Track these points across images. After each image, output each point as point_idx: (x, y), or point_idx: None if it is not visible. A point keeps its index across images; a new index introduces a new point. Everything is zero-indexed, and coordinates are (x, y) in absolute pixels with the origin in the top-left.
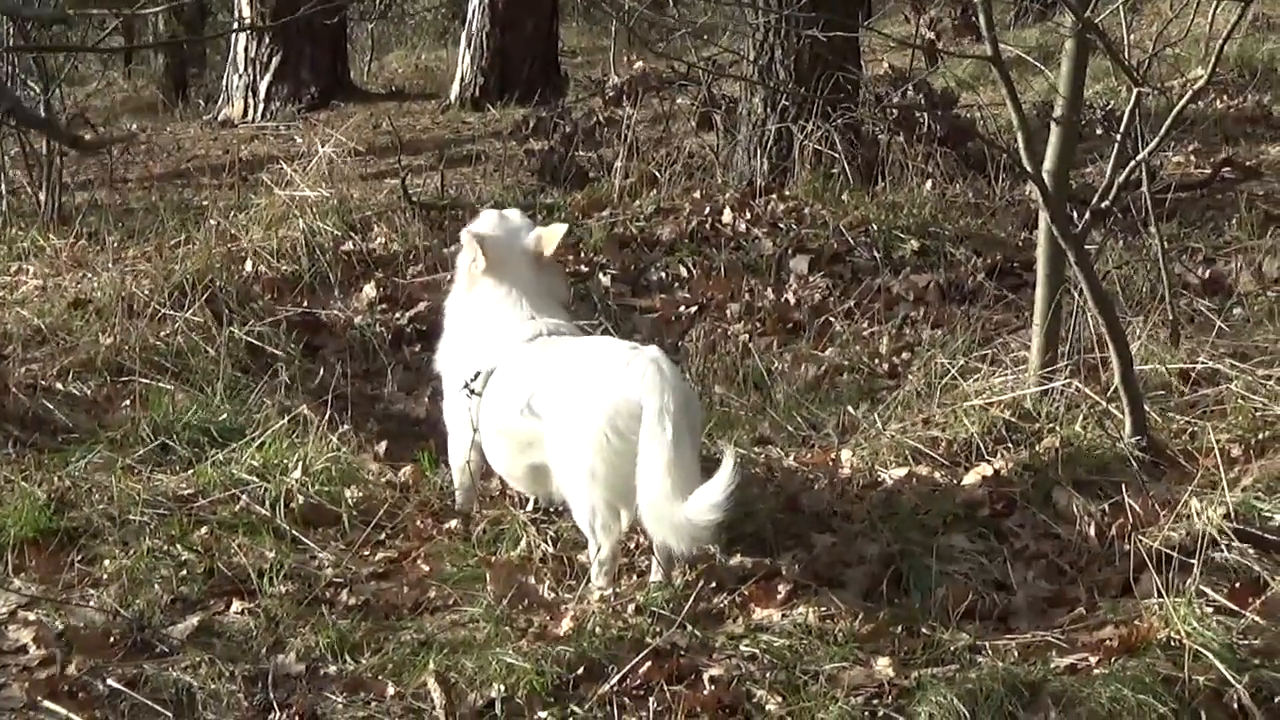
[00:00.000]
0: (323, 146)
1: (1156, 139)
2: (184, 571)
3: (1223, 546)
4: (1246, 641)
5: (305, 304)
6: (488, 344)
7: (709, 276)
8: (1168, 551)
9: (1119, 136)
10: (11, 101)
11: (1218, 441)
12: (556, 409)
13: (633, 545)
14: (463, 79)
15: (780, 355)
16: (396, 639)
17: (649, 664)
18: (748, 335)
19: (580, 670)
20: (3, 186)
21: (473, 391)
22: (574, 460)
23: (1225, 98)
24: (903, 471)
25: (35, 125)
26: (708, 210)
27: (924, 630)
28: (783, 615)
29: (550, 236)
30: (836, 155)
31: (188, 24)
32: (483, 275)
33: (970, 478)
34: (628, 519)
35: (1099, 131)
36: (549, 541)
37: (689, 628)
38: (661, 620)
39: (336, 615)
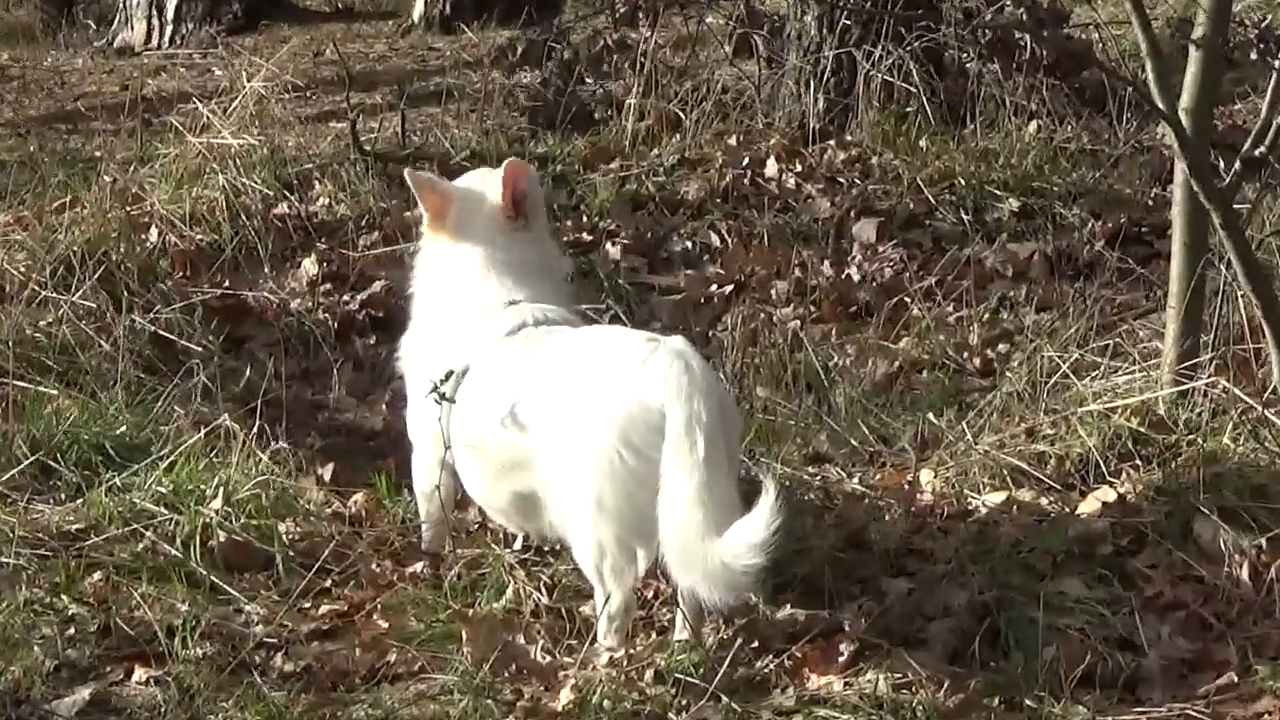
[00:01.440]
0: (249, 81)
1: None
2: (72, 630)
3: None
4: None
5: (227, 284)
6: (458, 336)
7: (748, 246)
8: None
9: (1278, 63)
10: None
11: None
12: (550, 420)
13: (651, 594)
14: None
15: (841, 348)
16: (347, 715)
17: None
18: (799, 322)
19: None
20: None
21: (442, 396)
22: (574, 486)
23: None
24: (1000, 497)
25: None
26: (746, 161)
27: (1028, 702)
28: (845, 684)
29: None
30: (913, 89)
31: None
32: (451, 242)
33: (1087, 505)
34: (645, 561)
35: (1252, 57)
36: (542, 590)
37: (724, 700)
38: (689, 690)
39: (269, 685)
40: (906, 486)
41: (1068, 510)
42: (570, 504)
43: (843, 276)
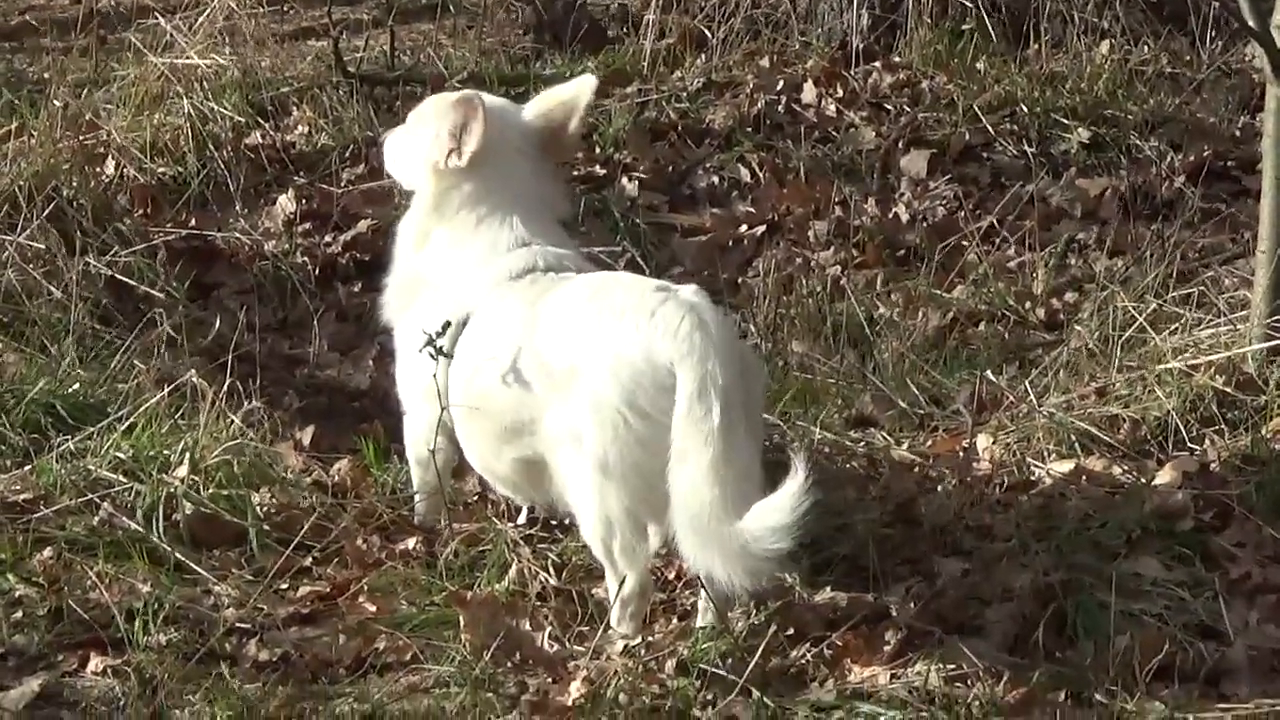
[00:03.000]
0: None
1: None
2: (19, 613)
3: None
4: None
5: (193, 223)
6: (460, 280)
7: (782, 182)
8: None
9: None
10: None
11: None
12: (553, 376)
13: (672, 575)
14: None
15: (888, 297)
16: (329, 710)
17: None
18: (840, 267)
19: None
20: None
21: (439, 350)
22: (578, 452)
23: None
24: (1068, 466)
25: None
26: (781, 85)
27: (1098, 697)
28: (892, 676)
29: (565, 101)
30: (969, 4)
31: None
32: (462, 174)
33: (1166, 475)
34: (659, 537)
35: None
36: (550, 570)
37: (755, 694)
38: (715, 683)
39: (242, 676)
40: (961, 454)
41: (1143, 481)
42: (574, 472)
43: (889, 216)
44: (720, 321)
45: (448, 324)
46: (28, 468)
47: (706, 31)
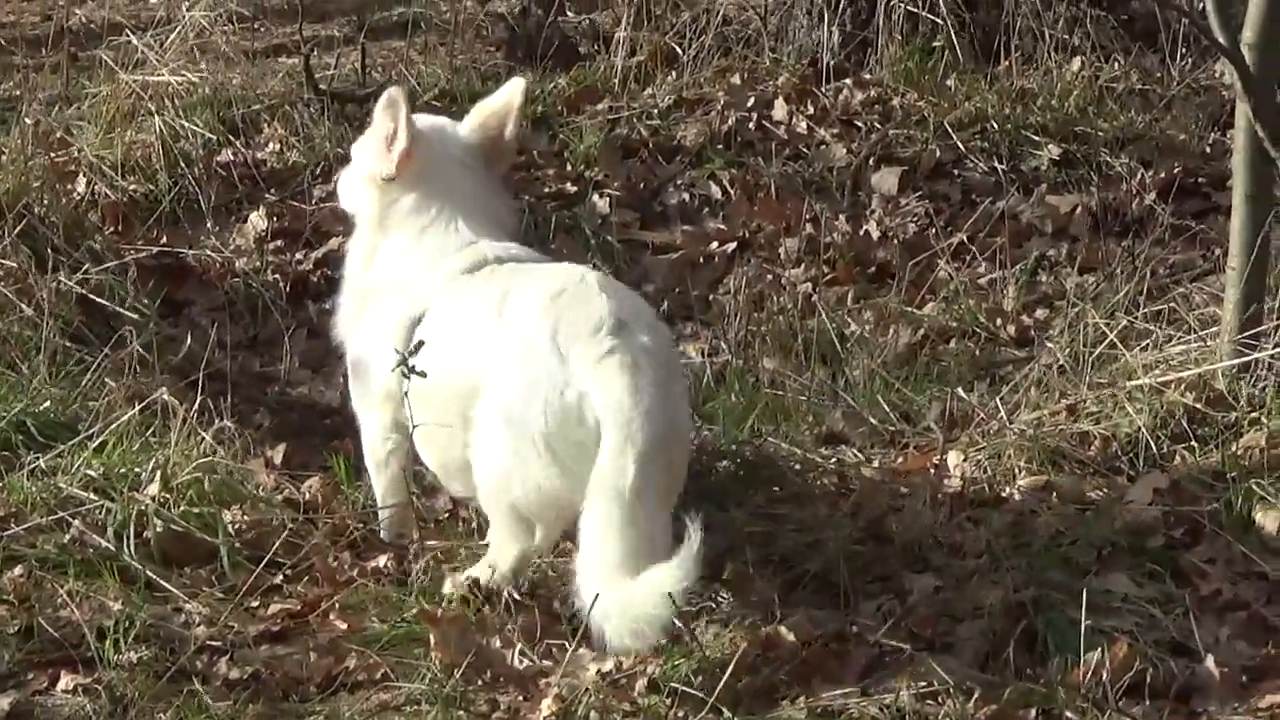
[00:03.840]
0: (189, 10)
1: None
2: None
3: None
4: None
5: (165, 240)
6: (410, 282)
7: (753, 199)
8: None
9: None
10: None
11: None
12: (496, 362)
13: None
14: None
15: (859, 314)
16: None
17: None
18: (811, 284)
19: None
20: None
21: (411, 369)
22: (491, 448)
23: None
24: (1039, 482)
25: None
26: (752, 102)
27: (1069, 714)
28: (863, 693)
29: (498, 109)
30: (939, 21)
31: None
32: (403, 187)
33: (1137, 491)
34: (544, 540)
35: None
36: (522, 586)
37: (726, 713)
38: (686, 701)
39: (212, 694)
40: (932, 471)
41: (1114, 498)
42: (483, 459)
43: (860, 233)
44: (657, 384)
45: (420, 344)
46: None
47: (677, 48)
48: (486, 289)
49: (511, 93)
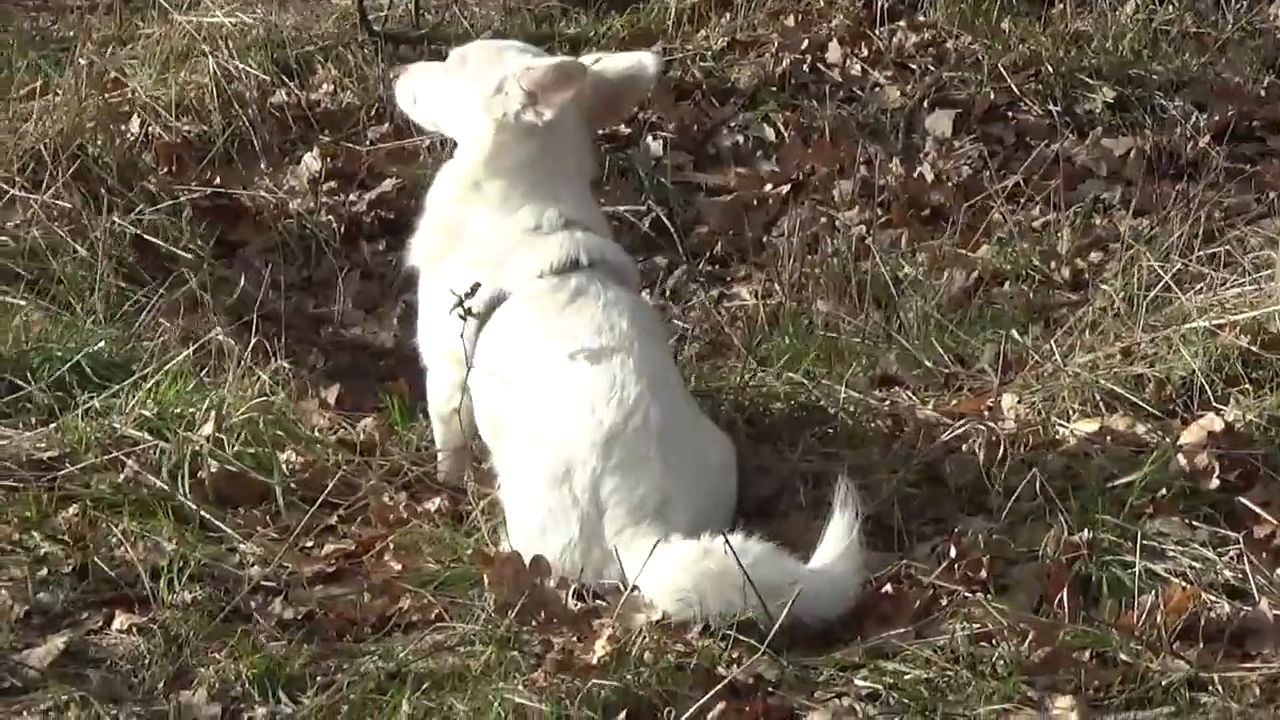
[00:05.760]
0: None
1: None
2: (45, 570)
3: None
4: None
5: (218, 181)
6: (502, 254)
7: (807, 141)
8: None
9: None
10: None
11: None
12: (539, 418)
13: None
14: None
15: (913, 257)
16: (354, 668)
17: (722, 705)
18: (865, 227)
19: (622, 715)
20: None
21: (468, 311)
22: (512, 501)
23: None
24: (1092, 426)
25: None
26: (805, 45)
27: (1123, 657)
28: (918, 635)
29: (624, 76)
30: None
31: None
32: (524, 131)
33: (1191, 434)
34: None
35: None
36: None
37: (780, 654)
38: (740, 644)
39: (266, 634)
40: (986, 413)
41: (1169, 440)
42: (508, 506)
43: (914, 176)
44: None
45: (476, 285)
46: (53, 425)
47: None
48: (564, 324)
49: (643, 71)
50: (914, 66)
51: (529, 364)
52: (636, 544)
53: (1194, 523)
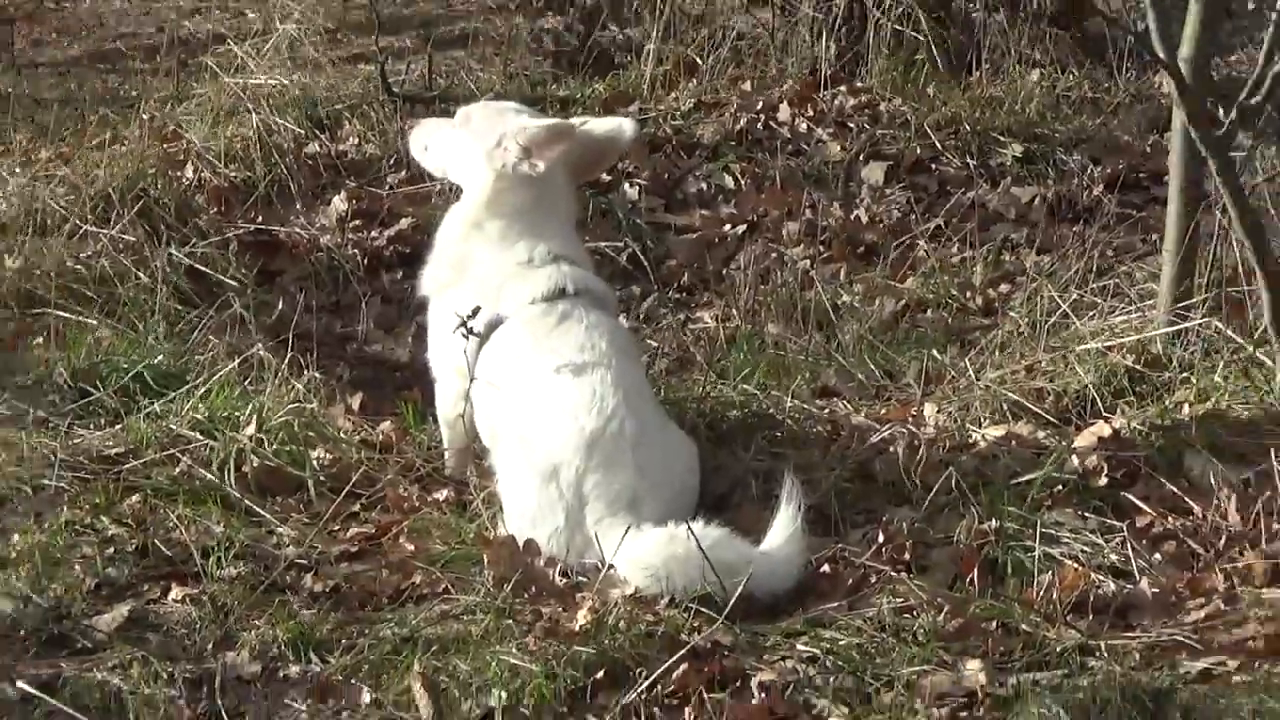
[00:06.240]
0: (282, 23)
1: None
2: (111, 549)
3: None
4: None
5: (260, 219)
6: (500, 283)
7: (761, 188)
8: None
9: (1276, 15)
10: None
11: None
12: (529, 421)
13: None
14: None
15: (849, 286)
16: (373, 634)
17: (685, 667)
18: (809, 261)
19: (600, 674)
20: None
21: (470, 331)
22: (508, 488)
23: None
24: (1000, 431)
25: None
26: (760, 105)
27: (1024, 627)
28: (850, 608)
29: (603, 139)
30: (921, 38)
31: None
32: (518, 179)
33: (1083, 439)
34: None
35: (1250, 7)
36: None
37: (734, 623)
38: (700, 615)
39: (300, 604)
40: (910, 420)
41: (1064, 444)
42: (504, 492)
43: (851, 218)
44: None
45: (477, 309)
46: (119, 426)
47: (697, 59)
48: (553, 344)
49: (621, 134)
50: (852, 125)
51: (522, 377)
52: (613, 531)
53: (1085, 514)
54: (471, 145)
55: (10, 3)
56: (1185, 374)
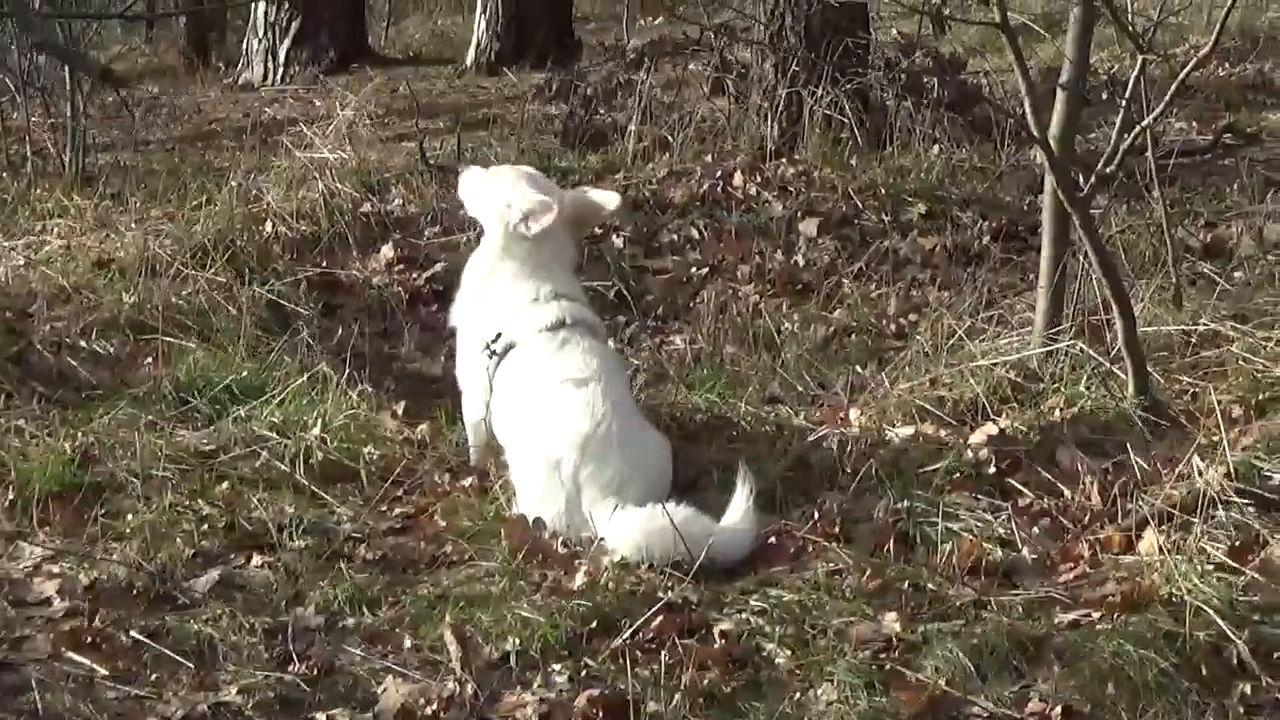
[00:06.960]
0: (342, 110)
1: (1160, 105)
2: (205, 526)
3: (1223, 505)
4: (1246, 598)
5: (324, 264)
6: (511, 316)
7: (720, 239)
8: (1169, 510)
9: (1124, 102)
10: (42, 34)
11: (1219, 402)
12: (536, 425)
13: None
14: (478, 44)
15: (790, 316)
16: (413, 592)
17: (661, 618)
18: (758, 296)
19: (594, 624)
20: (28, 149)
21: (493, 352)
22: (518, 478)
23: (1227, 65)
24: (910, 430)
25: (64, 57)
26: (719, 174)
27: (930, 586)
28: (792, 571)
29: (595, 206)
30: (846, 120)
31: None
32: (526, 240)
33: (976, 436)
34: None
35: (1104, 97)
36: None
37: (700, 583)
38: (673, 576)
39: (355, 569)
40: (839, 422)
41: (961, 441)
42: (516, 480)
43: (792, 262)
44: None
45: (499, 335)
46: (212, 428)
47: (669, 138)
48: (555, 363)
49: (610, 204)
50: (791, 189)
51: (531, 390)
52: (604, 511)
53: (978, 496)
54: (491, 199)
55: (130, 96)
56: (1056, 385)
